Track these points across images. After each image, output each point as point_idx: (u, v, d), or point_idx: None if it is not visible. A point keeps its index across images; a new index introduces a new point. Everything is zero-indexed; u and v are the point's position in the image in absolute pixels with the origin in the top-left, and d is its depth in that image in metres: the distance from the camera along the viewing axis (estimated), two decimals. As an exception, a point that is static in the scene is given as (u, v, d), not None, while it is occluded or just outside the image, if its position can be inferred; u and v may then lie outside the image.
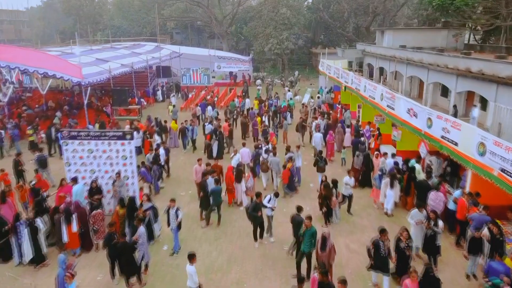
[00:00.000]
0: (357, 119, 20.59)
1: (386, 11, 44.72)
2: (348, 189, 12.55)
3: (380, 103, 17.32)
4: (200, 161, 13.51)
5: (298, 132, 19.90)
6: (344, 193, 12.52)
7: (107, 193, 12.17)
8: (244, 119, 21.19)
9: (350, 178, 12.47)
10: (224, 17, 52.97)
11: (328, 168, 16.77)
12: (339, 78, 25.29)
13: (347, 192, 12.59)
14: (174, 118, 23.07)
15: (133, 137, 11.78)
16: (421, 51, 23.57)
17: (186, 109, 28.83)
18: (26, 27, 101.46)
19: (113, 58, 28.49)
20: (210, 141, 17.82)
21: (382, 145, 17.77)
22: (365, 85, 19.62)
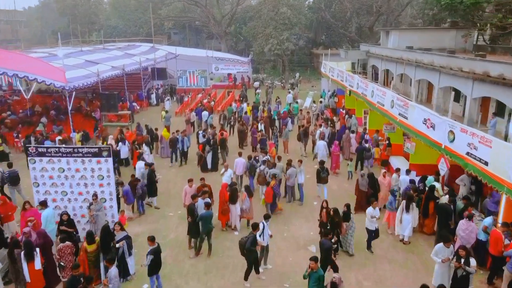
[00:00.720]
0: (364, 127, 18.97)
1: (390, 10, 43.16)
2: (373, 222, 10.36)
3: (390, 111, 15.74)
4: (191, 182, 11.86)
5: (300, 141, 18.33)
6: (369, 227, 10.39)
7: (81, 217, 10.62)
8: (242, 126, 19.62)
9: (375, 209, 10.31)
10: (223, 16, 51.39)
11: (333, 182, 15.28)
12: (343, 81, 23.71)
13: (373, 226, 10.37)
14: (166, 125, 21.58)
15: (110, 154, 10.19)
16: (431, 52, 21.99)
17: (181, 113, 27.26)
18: (23, 27, 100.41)
19: (103, 60, 26.94)
20: (203, 152, 16.26)
21: (392, 157, 16.23)
22: (373, 90, 18.05)
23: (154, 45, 40.11)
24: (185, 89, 34.83)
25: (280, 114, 22.34)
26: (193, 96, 32.65)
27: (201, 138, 17.69)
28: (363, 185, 12.52)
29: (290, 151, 18.80)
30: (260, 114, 21.87)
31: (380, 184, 12.55)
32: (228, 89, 37.06)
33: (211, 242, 10.28)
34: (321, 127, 18.19)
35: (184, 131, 17.50)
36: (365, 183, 12.47)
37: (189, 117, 22.15)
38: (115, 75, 24.78)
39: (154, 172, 13.51)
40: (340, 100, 26.38)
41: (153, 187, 13.21)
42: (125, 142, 16.51)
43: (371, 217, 10.13)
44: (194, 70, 36.16)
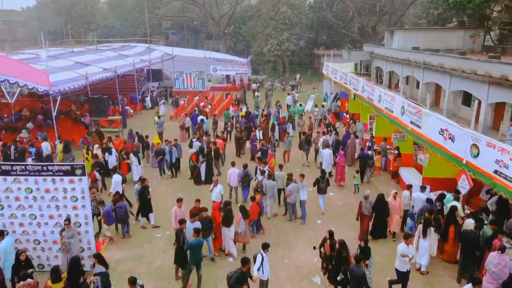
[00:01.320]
0: (370, 135, 17.62)
1: (393, 10, 41.82)
2: (405, 262, 8.48)
3: (400, 118, 14.41)
4: (180, 203, 10.47)
5: (302, 149, 17.00)
6: (400, 268, 8.55)
7: (53, 243, 9.30)
8: (239, 133, 18.30)
9: (408, 247, 8.49)
10: (221, 16, 50.08)
11: (338, 197, 13.97)
12: (347, 84, 22.38)
13: (404, 267, 8.49)
14: (159, 131, 20.27)
15: (85, 172, 8.88)
16: (442, 54, 20.66)
17: (176, 118, 25.92)
18: (21, 27, 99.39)
19: (94, 62, 25.65)
20: (196, 163, 14.93)
21: (402, 168, 14.90)
22: (380, 95, 16.72)
23: (149, 45, 38.78)
24: (179, 91, 33.43)
25: (280, 119, 21.06)
26: (189, 99, 31.30)
27: (195, 146, 16.34)
28: (367, 208, 10.80)
29: (291, 160, 17.49)
30: (259, 120, 20.48)
31: (391, 207, 10.98)
32: (226, 91, 35.75)
33: (200, 273, 8.94)
34: (325, 135, 16.84)
35: (174, 141, 15.92)
36: (368, 206, 10.78)
37: (183, 122, 20.81)
38: (106, 77, 23.49)
39: (148, 188, 11.99)
40: (344, 104, 25.07)
41: (146, 206, 11.81)
42: (112, 151, 15.17)
43: (403, 256, 8.39)
44: (191, 71, 34.79)
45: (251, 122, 20.61)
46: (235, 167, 13.72)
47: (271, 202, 12.57)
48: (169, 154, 14.98)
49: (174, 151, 15.11)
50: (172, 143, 15.52)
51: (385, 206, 10.82)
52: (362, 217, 10.85)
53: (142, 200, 11.71)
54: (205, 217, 9.63)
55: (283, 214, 12.64)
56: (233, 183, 13.58)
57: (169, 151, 14.95)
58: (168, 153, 14.95)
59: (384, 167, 16.54)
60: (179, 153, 15.48)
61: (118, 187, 12.30)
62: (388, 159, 16.34)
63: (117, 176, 12.53)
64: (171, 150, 15.03)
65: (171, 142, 15.53)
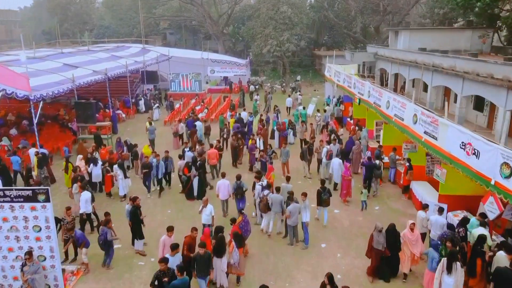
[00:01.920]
0: (378, 143, 16.24)
1: (397, 9, 40.45)
2: None
3: (412, 127, 13.07)
4: (171, 232, 8.91)
5: (303, 160, 15.64)
6: None
7: (13, 280, 7.96)
8: (235, 141, 16.94)
9: None
10: (220, 16, 48.74)
11: (344, 215, 12.62)
12: (351, 88, 21.03)
13: None
14: (150, 138, 18.92)
15: (49, 197, 7.53)
16: (454, 55, 19.31)
17: (171, 122, 24.56)
18: (18, 27, 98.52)
19: (84, 63, 24.31)
20: (189, 175, 13.57)
21: (414, 182, 13.54)
22: (389, 101, 15.37)
23: (145, 46, 37.42)
24: (174, 94, 32.03)
25: (279, 125, 19.71)
26: (185, 102, 29.97)
27: (188, 157, 14.98)
28: (379, 242, 8.99)
29: (292, 171, 16.12)
30: (258, 126, 19.11)
31: (407, 242, 9.03)
32: (224, 93, 34.42)
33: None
34: (329, 145, 15.47)
35: (165, 153, 14.43)
36: (382, 239, 9.00)
37: (176, 128, 19.42)
38: (95, 80, 22.14)
39: (139, 208, 10.56)
40: (347, 108, 23.69)
41: (138, 230, 10.38)
42: (97, 163, 13.81)
43: None
44: (188, 73, 33.44)
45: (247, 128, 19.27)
46: (225, 178, 12.54)
47: (275, 218, 11.38)
48: (156, 168, 13.50)
49: (161, 166, 13.62)
50: (162, 155, 14.01)
51: (397, 239, 9.11)
52: (373, 252, 9.18)
53: (134, 222, 10.30)
54: (203, 253, 8.17)
55: (283, 236, 11.29)
56: (222, 196, 12.37)
57: (156, 165, 13.47)
58: (155, 167, 13.48)
59: (393, 180, 15.19)
60: (169, 167, 14.04)
61: (87, 206, 10.91)
62: (397, 171, 15.00)
63: (86, 193, 11.08)
64: (159, 164, 13.54)
65: (159, 156, 13.98)
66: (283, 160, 15.30)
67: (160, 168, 13.51)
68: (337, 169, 13.99)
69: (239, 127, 19.52)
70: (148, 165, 13.38)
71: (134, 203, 10.38)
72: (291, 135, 20.02)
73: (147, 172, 13.43)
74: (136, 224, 10.39)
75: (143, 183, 13.89)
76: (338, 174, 13.90)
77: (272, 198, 11.10)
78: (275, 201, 11.03)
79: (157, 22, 57.20)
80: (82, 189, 11.30)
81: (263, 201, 11.26)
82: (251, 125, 19.39)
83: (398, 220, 12.28)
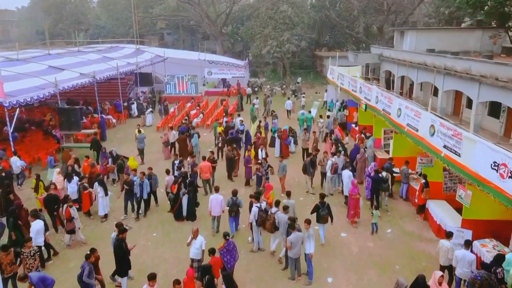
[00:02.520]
0: (387, 153, 14.72)
1: (402, 8, 38.95)
2: None
3: (428, 140, 11.59)
4: (153, 282, 7.27)
5: (306, 173, 14.14)
6: None
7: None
8: (231, 152, 15.45)
9: None
10: (218, 15, 47.25)
11: (352, 239, 11.15)
12: (357, 92, 19.55)
13: None
14: (139, 147, 17.43)
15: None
16: (469, 58, 17.82)
17: (164, 128, 23.07)
18: (15, 28, 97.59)
19: (72, 66, 22.81)
20: (178, 193, 12.07)
21: (430, 201, 12.05)
22: (400, 108, 13.88)
23: (139, 47, 35.94)
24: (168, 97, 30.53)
25: (280, 132, 18.21)
26: (180, 106, 28.49)
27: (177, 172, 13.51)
28: None
29: (293, 185, 14.66)
30: (256, 135, 17.60)
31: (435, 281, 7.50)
32: (222, 96, 32.95)
33: None
34: (334, 157, 13.98)
35: (148, 170, 12.69)
36: None
37: (167, 137, 17.91)
38: (81, 83, 20.65)
39: (124, 240, 8.79)
40: (352, 113, 22.18)
41: (123, 262, 8.73)
42: (72, 178, 12.31)
43: None
44: (183, 75, 31.94)
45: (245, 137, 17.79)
46: (219, 193, 11.30)
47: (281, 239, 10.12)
48: (139, 187, 11.91)
49: (146, 185, 12.00)
50: (145, 173, 12.35)
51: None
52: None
53: (119, 255, 8.65)
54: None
55: (283, 268, 9.79)
56: (214, 212, 11.17)
57: (140, 184, 11.90)
58: (138, 186, 11.90)
59: (405, 196, 13.70)
60: (154, 185, 12.50)
61: (38, 238, 9.34)
62: (410, 187, 13.51)
63: (37, 223, 9.44)
64: (143, 183, 11.93)
65: (143, 173, 12.28)
66: (279, 175, 13.79)
67: (145, 187, 11.89)
68: (348, 182, 12.59)
69: (233, 133, 18.11)
70: (129, 182, 11.85)
71: (119, 236, 8.80)
72: (292, 143, 18.57)
73: (128, 190, 11.87)
74: (120, 260, 8.70)
75: (125, 203, 12.31)
76: (349, 187, 12.48)
77: (279, 217, 9.84)
78: (283, 221, 9.71)
79: (154, 22, 55.73)
80: (34, 217, 9.69)
81: (270, 220, 10.01)
82: (249, 134, 17.81)
83: (414, 246, 10.89)
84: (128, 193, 11.88)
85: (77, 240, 10.98)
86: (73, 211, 10.67)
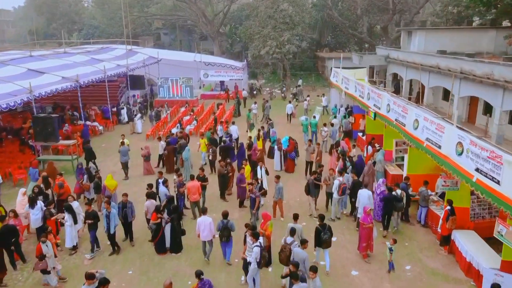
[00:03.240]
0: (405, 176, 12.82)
1: (407, 7, 37.14)
2: None
3: (455, 160, 9.77)
4: None
5: (309, 195, 12.32)
6: None
7: None
8: (223, 168, 13.63)
9: None
10: (215, 15, 45.42)
11: (365, 279, 9.43)
12: (364, 98, 17.73)
13: None
14: (123, 161, 15.62)
15: None
16: (491, 61, 15.99)
17: (154, 136, 21.28)
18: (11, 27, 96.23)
19: (54, 69, 21.07)
20: (160, 222, 10.25)
21: (457, 231, 10.23)
22: (417, 119, 12.07)
23: (132, 47, 34.19)
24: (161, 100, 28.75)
25: (280, 144, 16.38)
26: (174, 111, 26.69)
27: (162, 194, 11.71)
28: None
29: (295, 206, 12.89)
30: (254, 147, 15.76)
31: None
32: (219, 99, 31.15)
33: None
34: (341, 177, 12.16)
35: (123, 197, 10.65)
36: None
37: (148, 151, 15.86)
38: (62, 88, 18.88)
39: None
40: (357, 121, 20.36)
41: None
42: (35, 204, 10.50)
43: None
44: (177, 78, 30.13)
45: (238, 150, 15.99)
46: (207, 215, 9.85)
47: None
48: (106, 219, 9.91)
49: (113, 216, 9.87)
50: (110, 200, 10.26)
51: None
52: None
53: None
54: None
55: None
56: (203, 237, 9.67)
57: (106, 215, 9.90)
58: (104, 218, 9.97)
59: (424, 222, 11.88)
60: (129, 216, 10.57)
61: None
62: (430, 211, 11.71)
63: None
64: (109, 214, 9.85)
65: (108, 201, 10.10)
66: (275, 198, 12.00)
67: (112, 219, 9.91)
68: (365, 202, 10.85)
69: (227, 141, 16.36)
70: (91, 214, 9.91)
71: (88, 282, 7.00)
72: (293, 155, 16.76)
73: (91, 224, 9.94)
74: None
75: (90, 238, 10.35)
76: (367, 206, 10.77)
77: (295, 253, 8.25)
78: (298, 257, 8.10)
79: (150, 22, 53.89)
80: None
81: (285, 252, 8.48)
82: (242, 147, 15.94)
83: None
84: (92, 227, 9.96)
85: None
86: (46, 247, 8.88)
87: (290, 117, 24.78)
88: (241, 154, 15.27)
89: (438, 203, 11.70)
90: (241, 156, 15.07)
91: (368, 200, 11.06)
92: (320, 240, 9.30)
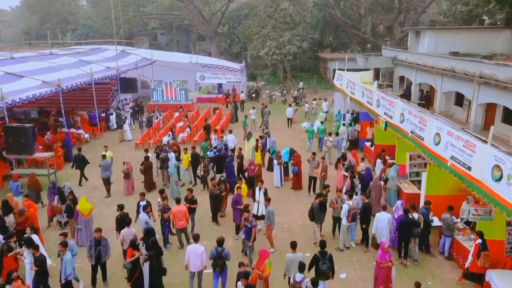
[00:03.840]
0: (425, 201, 11.11)
1: (413, 6, 35.49)
2: None
3: (491, 186, 8.11)
4: None
5: (314, 221, 10.65)
6: None
7: None
8: (215, 187, 11.93)
9: None
10: (213, 14, 43.77)
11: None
12: (373, 105, 16.08)
13: None
14: (104, 176, 13.96)
15: None
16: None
17: (144, 144, 19.57)
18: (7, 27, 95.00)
19: (35, 72, 19.44)
20: (137, 261, 8.55)
21: (494, 272, 8.55)
22: (439, 133, 10.42)
23: (124, 48, 32.56)
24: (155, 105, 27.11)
25: (281, 158, 14.67)
26: (167, 116, 25.03)
27: (142, 221, 10.04)
28: None
29: (297, 231, 11.24)
30: (251, 161, 14.09)
31: None
32: (215, 103, 29.52)
33: None
34: (351, 200, 10.49)
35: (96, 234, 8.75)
36: None
37: (128, 167, 14.00)
38: (41, 94, 17.22)
39: None
40: (364, 129, 18.69)
41: None
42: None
43: None
44: (172, 80, 28.48)
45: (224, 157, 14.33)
46: (199, 243, 8.44)
47: None
48: (63, 266, 7.88)
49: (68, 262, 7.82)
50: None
51: None
52: None
53: None
54: None
55: None
56: (193, 268, 8.31)
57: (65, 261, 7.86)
58: (63, 264, 7.97)
59: (447, 253, 10.20)
60: (102, 256, 8.79)
61: None
62: (455, 241, 10.03)
63: None
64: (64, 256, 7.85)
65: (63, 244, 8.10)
66: (265, 224, 10.41)
67: (64, 265, 7.85)
68: (385, 227, 9.26)
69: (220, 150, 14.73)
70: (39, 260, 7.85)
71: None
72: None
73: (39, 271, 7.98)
74: None
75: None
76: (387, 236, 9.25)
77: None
78: None
79: (146, 22, 52.22)
80: None
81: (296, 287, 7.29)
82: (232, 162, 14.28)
83: None
84: (41, 275, 8.12)
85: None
86: None
87: (290, 121, 23.22)
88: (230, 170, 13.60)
89: (465, 232, 10.02)
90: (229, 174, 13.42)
91: (388, 224, 9.49)
92: (317, 271, 8.02)
